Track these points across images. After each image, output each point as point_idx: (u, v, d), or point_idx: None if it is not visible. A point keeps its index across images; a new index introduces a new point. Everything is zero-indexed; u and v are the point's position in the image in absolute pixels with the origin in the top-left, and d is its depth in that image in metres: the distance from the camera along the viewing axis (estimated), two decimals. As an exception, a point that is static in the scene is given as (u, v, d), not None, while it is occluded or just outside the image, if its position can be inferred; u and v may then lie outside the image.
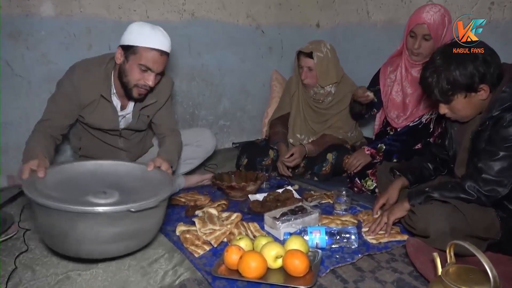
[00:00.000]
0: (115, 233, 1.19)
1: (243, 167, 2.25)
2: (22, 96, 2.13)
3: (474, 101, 1.31)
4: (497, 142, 1.26)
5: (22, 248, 1.40)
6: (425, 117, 1.92)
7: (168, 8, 2.51)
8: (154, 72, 1.58)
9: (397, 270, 1.25)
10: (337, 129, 2.25)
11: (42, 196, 1.15)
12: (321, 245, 1.36)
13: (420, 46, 1.83)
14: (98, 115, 1.70)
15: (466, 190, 1.29)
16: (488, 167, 1.27)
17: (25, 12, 2.06)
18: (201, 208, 1.68)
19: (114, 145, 1.86)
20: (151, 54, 1.54)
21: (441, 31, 1.80)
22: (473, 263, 1.03)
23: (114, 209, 1.15)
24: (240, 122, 3.02)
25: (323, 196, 1.85)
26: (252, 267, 1.15)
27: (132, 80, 1.59)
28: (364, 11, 2.78)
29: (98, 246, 1.20)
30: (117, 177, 1.43)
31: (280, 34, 3.04)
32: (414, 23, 1.83)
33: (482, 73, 1.24)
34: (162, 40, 1.56)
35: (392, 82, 2.05)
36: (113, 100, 1.71)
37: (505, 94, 1.26)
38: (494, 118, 1.27)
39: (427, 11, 1.80)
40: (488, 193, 1.26)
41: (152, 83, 1.60)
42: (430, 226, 1.30)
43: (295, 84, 2.33)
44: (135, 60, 1.55)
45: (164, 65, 1.61)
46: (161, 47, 1.55)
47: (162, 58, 1.57)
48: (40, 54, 2.14)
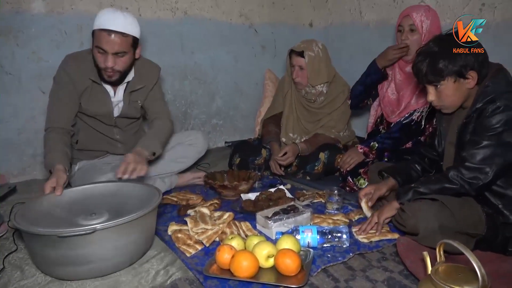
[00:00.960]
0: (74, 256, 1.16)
1: (235, 166, 2.25)
2: (12, 93, 2.11)
3: (461, 89, 1.35)
4: (481, 132, 1.30)
5: (11, 248, 1.39)
6: (416, 114, 1.94)
7: (160, 6, 2.50)
8: (108, 52, 1.59)
9: (387, 269, 1.26)
10: (330, 128, 2.26)
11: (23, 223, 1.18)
12: (312, 244, 1.36)
13: (407, 38, 1.89)
14: (93, 100, 1.75)
15: (449, 180, 1.32)
16: (471, 155, 1.30)
17: (15, 9, 2.04)
18: (193, 207, 1.68)
19: (110, 137, 1.88)
20: (102, 36, 1.58)
21: (426, 24, 1.86)
22: (462, 261, 1.04)
23: (42, 231, 1.13)
24: (233, 121, 3.02)
25: (315, 195, 1.85)
26: (244, 266, 1.15)
27: (98, 64, 1.65)
28: (357, 11, 2.79)
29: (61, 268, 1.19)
30: (108, 198, 1.44)
31: (273, 33, 3.04)
32: (400, 17, 1.93)
33: (472, 60, 1.30)
34: (112, 20, 1.57)
35: (388, 81, 2.08)
36: (104, 86, 1.76)
37: (488, 88, 1.31)
38: (478, 111, 1.32)
39: (412, 6, 1.94)
40: (470, 180, 1.29)
41: (111, 64, 1.61)
42: (419, 224, 1.31)
43: (288, 83, 2.33)
44: (94, 44, 1.62)
45: (121, 45, 1.60)
46: (110, 27, 1.56)
47: (114, 38, 1.58)
48: (31, 52, 2.12)
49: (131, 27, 1.62)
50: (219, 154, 2.69)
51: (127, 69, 1.72)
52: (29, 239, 1.20)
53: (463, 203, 1.31)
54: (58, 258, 1.16)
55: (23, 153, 2.21)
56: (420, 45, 1.81)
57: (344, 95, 2.25)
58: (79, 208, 1.35)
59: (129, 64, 1.72)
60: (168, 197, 1.83)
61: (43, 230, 1.13)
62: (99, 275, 1.20)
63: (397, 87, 2.04)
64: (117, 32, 1.58)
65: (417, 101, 1.94)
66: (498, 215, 1.32)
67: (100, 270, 1.20)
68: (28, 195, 1.92)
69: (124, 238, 1.21)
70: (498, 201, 1.33)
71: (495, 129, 1.27)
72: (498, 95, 1.28)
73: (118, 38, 1.59)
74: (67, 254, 1.15)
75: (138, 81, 1.81)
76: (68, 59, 1.74)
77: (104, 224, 1.16)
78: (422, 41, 1.85)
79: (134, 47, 1.69)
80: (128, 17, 1.62)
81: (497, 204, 1.33)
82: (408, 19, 1.88)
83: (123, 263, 1.24)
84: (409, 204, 1.37)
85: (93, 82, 1.72)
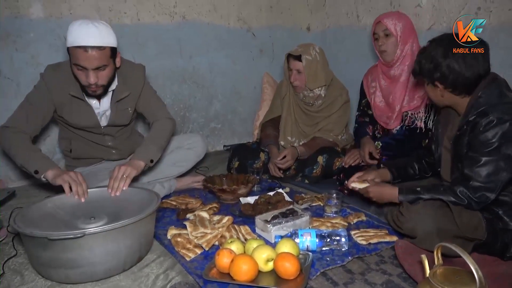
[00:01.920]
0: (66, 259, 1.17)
1: (234, 170, 2.26)
2: (10, 98, 2.10)
3: (436, 92, 1.41)
4: (478, 148, 1.29)
5: (11, 253, 1.39)
6: (418, 122, 1.95)
7: (159, 11, 2.51)
8: (88, 69, 1.55)
9: (386, 272, 1.27)
10: (328, 131, 2.27)
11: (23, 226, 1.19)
12: (311, 248, 1.37)
13: (384, 43, 1.94)
14: (75, 114, 1.72)
15: (458, 195, 1.31)
16: (475, 174, 1.29)
17: (14, 14, 2.05)
18: (192, 211, 1.69)
19: (102, 144, 1.87)
20: (77, 53, 1.51)
21: (398, 26, 1.91)
22: (460, 264, 1.05)
23: (34, 233, 1.14)
24: (231, 124, 3.02)
25: (313, 199, 1.86)
26: (244, 270, 1.16)
27: (79, 80, 1.61)
28: (354, 15, 2.81)
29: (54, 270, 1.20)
30: (110, 202, 1.45)
31: (271, 36, 3.06)
32: (374, 25, 2.00)
33: (445, 73, 1.32)
34: (85, 35, 1.49)
35: (374, 90, 2.12)
36: (87, 99, 1.72)
37: (481, 99, 1.31)
38: (470, 123, 1.31)
39: (383, 14, 2.00)
40: (478, 199, 1.29)
41: (92, 80, 1.57)
42: (417, 227, 1.32)
43: (286, 87, 2.34)
44: (72, 61, 1.56)
45: (100, 59, 1.54)
46: (84, 43, 1.49)
47: (92, 53, 1.51)
48: (29, 56, 2.12)
49: (107, 39, 1.55)
50: (218, 158, 2.70)
51: (110, 80, 1.67)
52: (25, 241, 1.23)
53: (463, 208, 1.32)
54: (51, 260, 1.17)
55: (22, 158, 2.20)
56: (397, 47, 1.91)
57: (342, 98, 2.26)
58: (82, 212, 1.36)
59: (112, 75, 1.67)
60: (167, 201, 1.83)
61: (35, 232, 1.14)
62: (90, 279, 1.21)
63: (384, 93, 2.06)
64: (93, 47, 1.50)
65: (408, 102, 1.97)
66: (497, 221, 1.32)
67: (91, 274, 1.20)
68: (27, 199, 1.92)
69: (115, 243, 1.21)
70: (498, 207, 1.34)
71: (492, 144, 1.26)
72: (490, 107, 1.27)
73: (96, 53, 1.52)
74: (59, 256, 1.16)
75: (124, 88, 1.75)
76: (49, 69, 1.69)
77: (93, 229, 1.16)
78: (398, 43, 1.92)
79: (114, 57, 1.63)
80: (102, 27, 1.54)
81: (497, 210, 1.34)
82: (380, 25, 1.94)
83: (116, 268, 1.24)
84: (408, 206, 1.38)
85: (73, 96, 1.67)
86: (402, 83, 1.96)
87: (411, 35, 1.93)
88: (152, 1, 2.46)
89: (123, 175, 1.51)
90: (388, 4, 2.54)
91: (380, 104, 2.09)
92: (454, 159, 1.42)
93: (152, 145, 1.71)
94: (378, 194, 1.52)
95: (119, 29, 2.33)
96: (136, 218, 1.23)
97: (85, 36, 1.49)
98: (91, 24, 1.52)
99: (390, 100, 2.02)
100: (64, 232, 1.14)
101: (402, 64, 1.95)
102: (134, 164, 1.59)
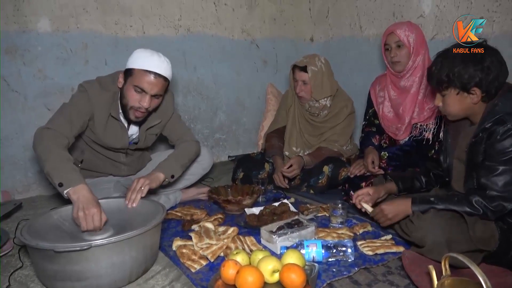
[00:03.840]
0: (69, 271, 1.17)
1: (239, 181, 2.26)
2: (18, 111, 2.14)
3: (464, 101, 1.35)
4: (494, 156, 1.28)
5: (17, 265, 1.39)
6: (426, 132, 1.94)
7: (164, 24, 2.54)
8: (148, 93, 1.61)
9: (393, 283, 1.25)
10: (333, 142, 2.27)
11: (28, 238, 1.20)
12: (317, 259, 1.36)
13: (396, 54, 1.92)
14: (110, 134, 1.73)
15: (473, 205, 1.30)
16: (492, 182, 1.28)
17: (22, 28, 2.08)
18: (197, 222, 1.68)
19: (116, 160, 1.89)
20: (145, 76, 1.58)
21: (411, 37, 1.89)
22: (468, 275, 1.04)
23: (40, 245, 1.13)
24: (235, 135, 3.04)
25: (319, 209, 1.85)
26: (249, 281, 1.15)
27: (129, 101, 1.63)
28: (357, 26, 2.83)
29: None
30: (117, 213, 1.45)
31: (274, 48, 3.08)
32: (385, 35, 1.97)
33: (479, 78, 1.29)
34: (157, 64, 1.60)
35: (382, 100, 2.10)
36: (121, 119, 1.74)
37: (497, 107, 1.30)
38: (487, 131, 1.30)
39: (394, 24, 1.99)
40: (494, 208, 1.27)
41: (147, 105, 1.62)
42: (427, 236, 1.30)
43: (291, 97, 2.35)
44: (131, 82, 1.60)
45: (161, 88, 1.64)
46: (155, 70, 1.59)
47: (157, 80, 1.60)
48: (37, 70, 2.16)
49: (170, 72, 1.66)
50: (223, 169, 2.70)
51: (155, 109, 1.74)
52: (31, 253, 1.23)
53: (477, 219, 1.30)
54: (57, 272, 1.17)
55: (28, 170, 2.22)
56: (409, 58, 1.88)
57: (347, 109, 2.27)
58: None
59: (159, 105, 1.74)
60: (172, 212, 1.83)
61: (40, 244, 1.14)
62: None
63: (393, 103, 2.04)
64: (161, 75, 1.61)
65: (419, 114, 1.95)
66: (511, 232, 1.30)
67: (97, 287, 1.20)
68: (34, 211, 1.93)
69: (121, 255, 1.21)
70: None
71: (510, 153, 1.25)
72: (507, 115, 1.26)
73: (160, 82, 1.62)
74: (65, 269, 1.16)
75: (155, 116, 1.80)
76: (95, 86, 1.66)
77: (100, 241, 1.16)
78: (411, 54, 1.89)
79: (166, 91, 1.74)
80: (168, 62, 1.66)
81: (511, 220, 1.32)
82: (393, 36, 1.92)
83: (121, 280, 1.24)
84: (418, 215, 1.37)
85: (111, 116, 1.70)
86: (412, 94, 1.94)
87: (422, 46, 1.91)
88: (157, 15, 2.50)
89: (141, 187, 1.53)
90: (391, 14, 2.56)
91: (389, 114, 2.07)
92: (468, 167, 1.39)
93: (175, 162, 1.74)
94: (393, 213, 1.48)
95: (125, 42, 2.38)
96: (142, 230, 1.23)
97: (157, 64, 1.60)
98: (162, 56, 1.64)
99: (400, 111, 2.00)
100: (70, 244, 1.14)
101: (413, 75, 1.92)
102: (154, 177, 1.61)
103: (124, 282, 1.25)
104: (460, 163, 1.45)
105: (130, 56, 1.65)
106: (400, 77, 1.97)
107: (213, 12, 2.74)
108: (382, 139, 2.14)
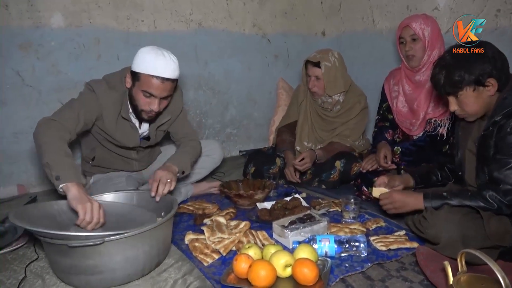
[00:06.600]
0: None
1: (250, 175, 2.26)
2: (32, 106, 2.16)
3: (482, 96, 1.33)
4: (506, 150, 1.27)
5: (32, 256, 1.42)
6: (441, 128, 1.91)
7: (175, 18, 2.54)
8: (157, 97, 1.60)
9: (407, 279, 1.24)
10: (345, 137, 2.25)
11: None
12: (330, 254, 1.35)
13: (411, 48, 1.89)
14: (121, 133, 1.73)
15: (487, 200, 1.28)
16: (505, 176, 1.27)
17: (36, 24, 2.10)
18: (209, 216, 1.69)
19: (127, 157, 1.89)
20: (152, 81, 1.55)
21: (427, 31, 1.86)
22: (484, 272, 1.02)
23: (53, 241, 1.14)
24: (247, 130, 3.03)
25: (331, 204, 1.84)
26: (262, 276, 1.15)
27: (139, 105, 1.63)
28: (369, 19, 2.79)
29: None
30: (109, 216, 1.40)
31: (286, 42, 3.06)
32: (400, 29, 1.94)
33: (490, 68, 1.29)
34: (164, 67, 1.55)
35: (396, 94, 2.07)
36: (132, 119, 1.74)
37: (506, 100, 1.29)
38: (497, 124, 1.29)
39: (409, 16, 1.95)
40: (509, 202, 1.26)
41: (156, 108, 1.61)
42: (441, 233, 1.29)
43: (303, 92, 2.33)
44: (139, 87, 1.58)
45: (169, 90, 1.62)
46: (162, 74, 1.55)
47: (165, 84, 1.58)
48: (50, 65, 2.18)
49: (177, 71, 1.61)
50: (234, 163, 2.70)
51: None
52: (45, 247, 1.25)
53: (492, 214, 1.28)
54: (71, 267, 1.19)
55: (42, 164, 2.25)
56: (424, 52, 1.85)
57: (360, 104, 2.25)
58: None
59: (169, 103, 1.73)
60: (184, 206, 1.84)
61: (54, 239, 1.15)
62: (110, 285, 1.21)
63: (408, 98, 2.01)
64: (168, 79, 1.57)
65: (434, 109, 1.92)
66: None
67: (112, 280, 1.21)
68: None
69: (134, 249, 1.21)
70: None
71: None
72: None
73: (169, 85, 1.59)
74: (79, 263, 1.17)
75: (166, 114, 1.79)
76: (103, 86, 1.64)
77: (112, 236, 1.16)
78: (426, 48, 1.86)
79: (176, 88, 1.71)
80: (175, 60, 1.60)
81: None
82: (408, 29, 1.89)
83: (135, 273, 1.25)
84: (432, 211, 1.36)
85: (121, 116, 1.69)
86: (427, 89, 1.90)
87: (438, 39, 1.87)
88: (168, 10, 2.50)
89: (167, 180, 1.53)
90: (404, 8, 2.51)
91: (403, 109, 2.04)
92: (479, 161, 1.38)
93: (186, 158, 1.74)
94: (401, 202, 1.48)
95: (137, 37, 2.38)
96: (154, 224, 1.24)
97: (164, 68, 1.55)
98: (168, 57, 1.57)
99: (414, 107, 1.97)
100: (84, 239, 1.14)
101: (428, 69, 1.87)
102: (172, 170, 1.60)
103: (137, 276, 1.26)
104: (472, 155, 1.44)
105: (136, 55, 1.59)
106: (415, 72, 1.94)
107: (224, 6, 2.73)
108: (395, 134, 2.11)
